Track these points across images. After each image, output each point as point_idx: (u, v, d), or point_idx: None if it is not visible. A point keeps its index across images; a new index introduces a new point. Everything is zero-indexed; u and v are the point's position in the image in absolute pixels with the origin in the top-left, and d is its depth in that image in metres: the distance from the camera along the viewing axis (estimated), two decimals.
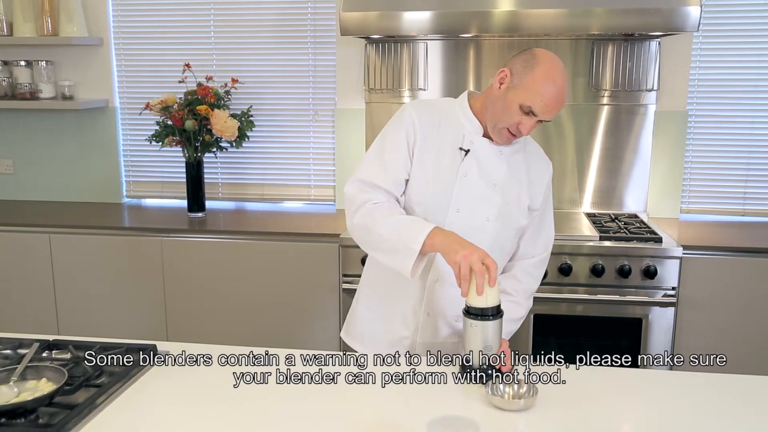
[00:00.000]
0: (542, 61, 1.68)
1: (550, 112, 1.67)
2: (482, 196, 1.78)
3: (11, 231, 3.05)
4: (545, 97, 1.65)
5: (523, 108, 1.66)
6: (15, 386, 1.50)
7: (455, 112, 1.81)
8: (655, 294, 2.62)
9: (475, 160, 1.77)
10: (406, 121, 1.78)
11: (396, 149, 1.77)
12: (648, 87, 3.05)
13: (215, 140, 3.11)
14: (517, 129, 1.70)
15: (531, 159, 1.86)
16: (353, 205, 1.75)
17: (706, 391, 1.58)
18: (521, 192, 1.82)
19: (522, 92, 1.67)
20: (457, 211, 1.77)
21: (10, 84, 3.39)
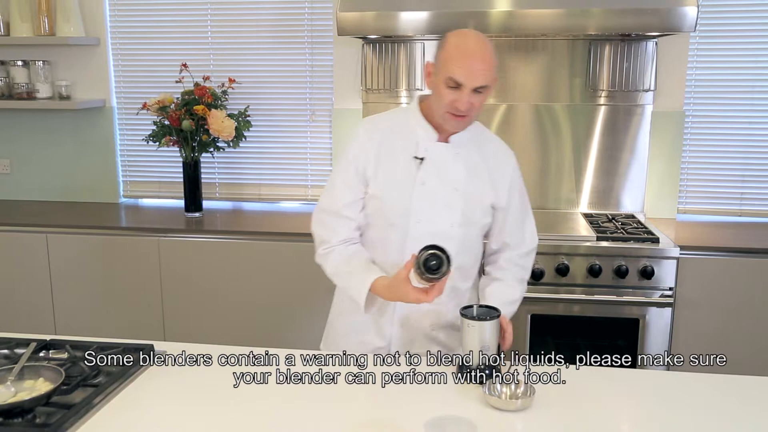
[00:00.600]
0: (452, 35, 1.70)
1: (473, 74, 1.65)
2: (444, 203, 1.78)
3: (8, 231, 3.05)
4: (461, 60, 1.65)
5: (448, 83, 1.66)
6: (12, 386, 1.50)
7: (407, 120, 1.82)
8: (653, 294, 2.63)
9: (432, 166, 1.77)
10: (356, 144, 1.82)
11: (345, 177, 1.81)
12: (645, 87, 3.05)
13: (212, 140, 3.11)
14: (455, 107, 1.68)
15: (489, 155, 1.85)
16: (315, 242, 1.87)
17: (704, 392, 1.58)
18: (483, 191, 1.82)
19: (442, 69, 1.68)
20: (417, 222, 1.77)
21: (7, 84, 3.38)
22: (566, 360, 1.75)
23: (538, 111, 3.14)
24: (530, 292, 2.63)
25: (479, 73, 1.65)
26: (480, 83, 1.66)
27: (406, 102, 3.19)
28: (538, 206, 3.18)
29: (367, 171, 1.79)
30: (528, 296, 2.62)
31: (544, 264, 2.64)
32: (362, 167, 1.79)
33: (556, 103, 3.12)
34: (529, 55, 3.10)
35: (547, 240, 2.67)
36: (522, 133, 3.15)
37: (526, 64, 3.11)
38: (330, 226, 1.82)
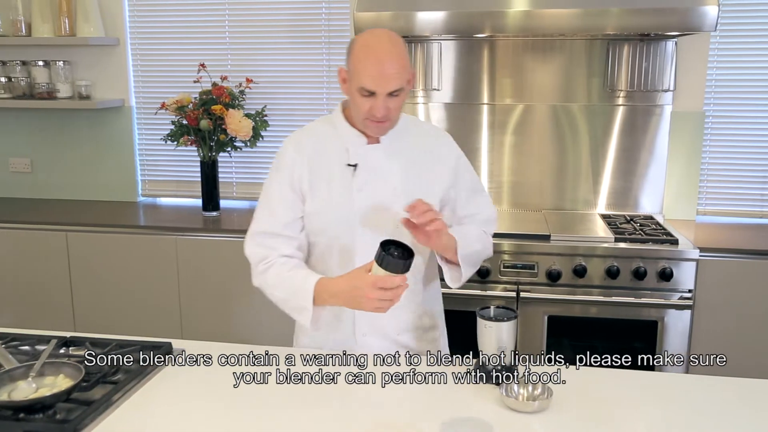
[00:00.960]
0: (359, 38, 1.65)
1: (384, 79, 1.59)
2: (386, 206, 1.72)
3: (29, 229, 3.08)
4: (370, 68, 1.59)
5: (361, 92, 1.62)
6: (33, 382, 1.52)
7: (334, 128, 1.77)
8: (671, 296, 2.61)
9: (367, 171, 1.72)
10: (285, 161, 1.75)
11: (281, 195, 1.74)
12: (664, 87, 3.03)
13: (230, 140, 3.13)
14: (373, 114, 1.63)
15: (425, 144, 1.80)
16: (251, 263, 1.77)
17: (723, 395, 1.56)
18: (426, 185, 1.77)
19: (353, 77, 1.63)
20: (363, 229, 1.72)
21: (29, 84, 3.42)
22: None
23: (556, 111, 3.12)
24: (547, 293, 2.63)
25: (391, 78, 1.60)
26: (393, 87, 1.61)
27: (423, 101, 3.19)
28: (555, 207, 3.17)
29: (302, 186, 1.73)
30: (545, 297, 2.64)
31: (561, 265, 2.63)
32: (297, 183, 1.73)
33: (574, 104, 3.11)
34: (547, 55, 3.09)
35: (564, 241, 2.66)
36: (539, 134, 3.14)
37: (543, 65, 3.10)
38: (269, 245, 1.74)
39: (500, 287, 2.67)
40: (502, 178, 3.19)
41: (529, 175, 3.18)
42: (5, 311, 3.16)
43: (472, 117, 3.18)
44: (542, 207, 3.19)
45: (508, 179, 3.19)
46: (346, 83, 1.69)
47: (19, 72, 3.41)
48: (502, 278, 2.67)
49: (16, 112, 3.56)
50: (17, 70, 3.40)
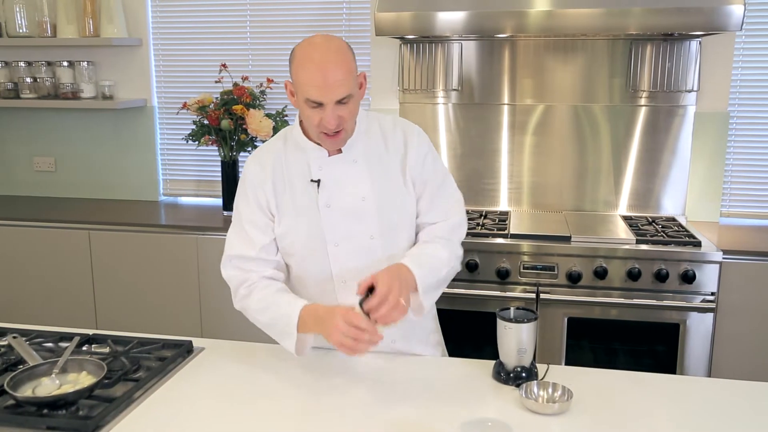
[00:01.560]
0: (297, 49, 1.57)
1: (329, 88, 1.51)
2: (355, 218, 1.66)
3: (53, 227, 3.12)
4: (312, 77, 1.52)
5: (308, 104, 1.55)
6: (56, 378, 1.54)
7: (294, 142, 1.70)
8: (694, 299, 2.58)
9: (332, 184, 1.66)
10: (249, 181, 1.70)
11: (252, 218, 1.69)
12: (688, 88, 2.99)
13: (250, 139, 3.14)
14: (325, 126, 1.56)
15: (390, 142, 1.71)
16: (231, 287, 1.72)
17: (745, 400, 1.54)
18: (396, 187, 1.70)
19: (298, 90, 1.57)
20: (335, 245, 1.68)
21: (53, 84, 3.47)
22: (603, 364, 1.72)
23: (577, 112, 3.10)
24: (567, 295, 2.62)
25: (336, 86, 1.52)
26: (340, 95, 1.53)
27: (443, 102, 3.18)
28: (575, 208, 3.15)
29: (270, 207, 1.68)
30: (565, 299, 2.62)
31: (581, 266, 2.61)
32: (264, 204, 1.69)
33: (595, 104, 3.08)
34: (568, 55, 3.07)
35: (585, 242, 2.64)
36: (560, 135, 3.12)
37: (564, 65, 3.08)
38: (247, 269, 1.69)
39: (520, 288, 2.66)
40: (522, 179, 3.18)
41: (549, 176, 3.16)
42: (29, 308, 3.20)
43: (492, 117, 3.17)
44: (563, 208, 3.17)
45: (529, 180, 3.17)
46: (294, 96, 1.62)
47: (44, 72, 3.45)
48: (522, 279, 2.66)
49: (41, 112, 3.61)
50: (42, 71, 3.45)
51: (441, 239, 1.73)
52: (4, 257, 3.18)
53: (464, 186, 3.22)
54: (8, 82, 3.47)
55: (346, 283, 1.70)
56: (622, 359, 2.69)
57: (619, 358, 2.70)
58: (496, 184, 3.21)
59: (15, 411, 1.45)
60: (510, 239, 2.69)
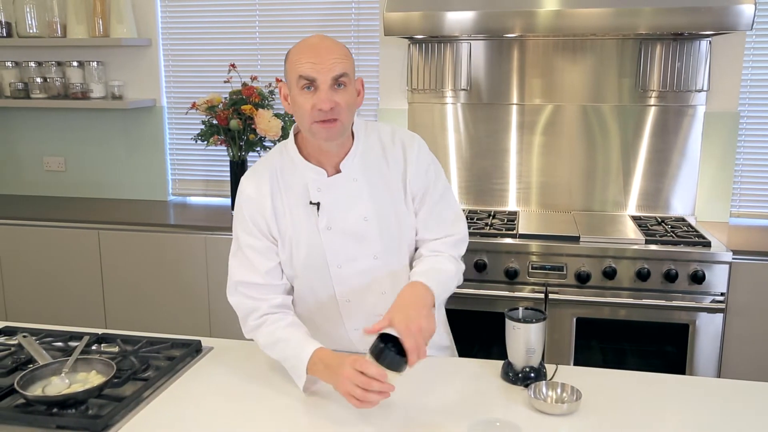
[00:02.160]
0: (293, 47, 1.55)
1: (323, 63, 1.46)
2: (357, 239, 1.61)
3: (63, 227, 3.14)
4: (306, 55, 1.47)
5: (302, 86, 1.48)
6: (66, 377, 1.54)
7: (291, 162, 1.61)
8: (703, 299, 2.57)
9: (332, 206, 1.59)
10: (247, 208, 1.62)
11: (253, 244, 1.61)
12: (698, 88, 2.98)
13: (259, 139, 3.15)
14: (318, 111, 1.47)
15: (390, 157, 1.64)
16: (239, 315, 1.64)
17: (756, 400, 1.54)
18: (396, 199, 1.63)
19: (291, 77, 1.51)
20: (338, 267, 1.63)
21: (63, 84, 3.48)
22: (612, 365, 1.72)
23: (586, 112, 3.09)
24: (576, 295, 2.61)
25: (330, 62, 1.46)
26: (336, 72, 1.47)
27: (451, 101, 3.18)
28: (584, 208, 3.14)
29: (272, 232, 1.61)
30: (573, 299, 2.61)
31: (590, 267, 2.60)
32: (266, 229, 1.61)
33: (605, 104, 3.07)
34: (577, 55, 3.06)
35: (593, 242, 2.63)
36: (569, 135, 3.11)
37: (573, 65, 3.07)
38: (255, 297, 1.60)
39: (528, 288, 2.65)
40: (531, 179, 3.17)
41: (558, 176, 3.15)
42: (39, 308, 3.22)
43: (501, 117, 3.16)
44: (571, 208, 3.16)
45: (537, 180, 3.17)
46: (287, 99, 1.56)
47: (54, 72, 3.47)
48: (531, 279, 2.65)
49: (51, 112, 3.63)
50: (52, 71, 3.47)
51: (445, 254, 1.67)
52: (14, 257, 3.20)
53: (472, 186, 3.22)
54: (18, 82, 3.49)
55: (349, 302, 1.68)
56: (631, 360, 2.68)
57: (628, 359, 2.69)
58: (505, 184, 3.20)
59: (25, 410, 1.46)
60: (519, 239, 2.69)
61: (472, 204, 3.23)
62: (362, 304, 1.68)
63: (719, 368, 2.63)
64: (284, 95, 1.57)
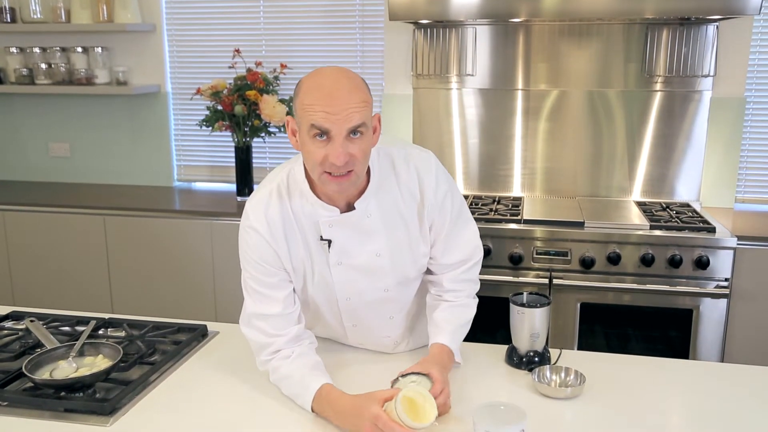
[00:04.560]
0: (304, 79, 1.38)
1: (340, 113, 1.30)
2: (368, 273, 1.53)
3: (69, 213, 3.15)
4: (320, 100, 1.31)
5: (312, 133, 1.33)
6: (73, 361, 1.56)
7: (301, 193, 1.49)
8: (707, 285, 2.57)
9: (344, 242, 1.49)
10: (257, 245, 1.49)
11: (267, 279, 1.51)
12: (704, 73, 2.96)
13: (264, 125, 3.15)
14: (330, 164, 1.34)
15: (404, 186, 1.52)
16: (252, 347, 1.55)
17: (759, 385, 1.54)
18: (411, 233, 1.54)
19: (302, 119, 1.35)
20: (347, 299, 1.57)
21: (68, 70, 3.48)
22: (616, 349, 1.72)
23: (592, 97, 3.08)
24: (580, 281, 2.61)
25: (347, 112, 1.31)
26: (354, 123, 1.32)
27: (456, 87, 3.17)
28: (589, 193, 3.14)
29: (284, 264, 1.50)
30: (578, 284, 2.61)
31: (595, 252, 2.60)
32: (278, 263, 1.50)
33: (610, 89, 3.06)
34: (583, 39, 3.04)
35: (598, 228, 2.63)
36: (574, 120, 3.10)
37: (579, 50, 3.05)
38: (271, 332, 1.50)
39: (533, 274, 2.66)
40: (535, 165, 3.17)
41: (563, 162, 3.14)
42: (45, 293, 3.24)
43: (506, 103, 3.15)
44: (576, 194, 3.16)
45: (542, 165, 3.16)
46: (295, 135, 1.41)
47: (59, 58, 3.47)
48: (535, 265, 2.65)
49: (56, 98, 3.63)
50: (57, 57, 3.47)
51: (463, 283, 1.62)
52: (20, 243, 3.21)
53: (477, 171, 3.21)
54: (23, 68, 3.49)
55: (356, 327, 1.65)
56: (635, 345, 2.69)
57: (631, 344, 2.70)
58: (510, 170, 3.20)
59: (33, 393, 1.47)
60: (523, 225, 2.69)
61: (477, 190, 3.23)
62: (369, 328, 1.66)
63: (722, 353, 2.63)
64: (292, 131, 1.42)
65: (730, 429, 1.36)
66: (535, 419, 1.36)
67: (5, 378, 1.50)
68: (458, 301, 1.62)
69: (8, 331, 1.81)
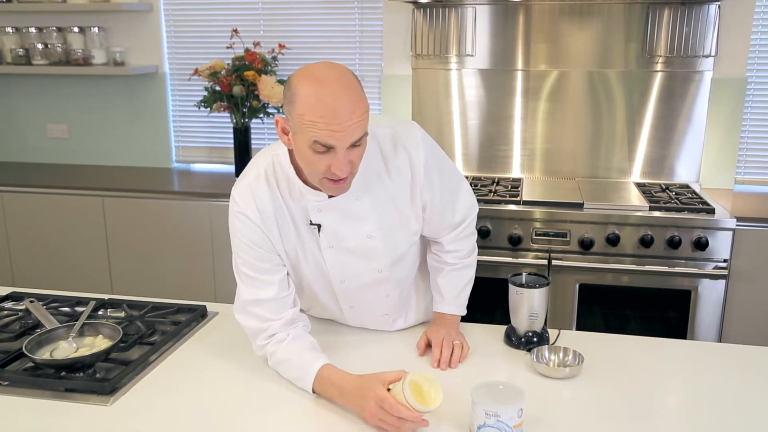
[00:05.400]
0: (301, 84, 1.31)
1: (343, 131, 1.29)
2: (361, 255, 1.54)
3: (67, 194, 3.14)
4: (323, 119, 1.28)
5: (315, 149, 1.31)
6: (73, 342, 1.56)
7: (287, 179, 1.48)
8: (706, 266, 2.57)
9: (333, 226, 1.49)
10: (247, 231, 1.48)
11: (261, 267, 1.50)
12: (705, 53, 2.94)
13: (262, 106, 3.13)
14: (333, 173, 1.34)
15: (392, 163, 1.50)
16: (248, 333, 1.54)
17: (756, 364, 1.55)
18: (402, 212, 1.54)
19: (300, 130, 1.32)
20: (341, 282, 1.57)
21: (65, 50, 3.46)
22: (614, 330, 1.73)
23: (592, 78, 3.06)
24: (579, 261, 2.62)
25: (351, 127, 1.30)
26: (356, 137, 1.32)
27: (456, 67, 3.15)
28: (588, 174, 3.13)
29: (276, 248, 1.50)
30: (576, 265, 2.62)
31: (594, 233, 2.60)
32: (270, 247, 1.50)
33: (610, 70, 3.04)
34: (584, 19, 3.02)
35: (597, 209, 2.63)
36: (574, 101, 3.09)
37: (579, 30, 3.03)
38: (264, 317, 1.50)
39: (532, 255, 2.66)
40: (535, 146, 3.16)
41: (563, 143, 3.14)
42: (45, 275, 3.25)
43: (506, 83, 3.13)
44: (576, 175, 3.15)
45: (542, 146, 3.15)
46: (287, 134, 1.38)
47: (55, 38, 3.44)
48: (534, 246, 2.66)
49: (53, 79, 3.61)
50: (53, 37, 3.44)
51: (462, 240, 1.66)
52: (19, 224, 3.21)
53: (477, 152, 3.21)
54: (19, 48, 3.47)
55: (353, 308, 1.66)
56: (633, 326, 2.70)
57: (630, 325, 2.71)
58: (509, 151, 3.19)
59: (34, 373, 1.48)
60: (522, 206, 2.69)
61: (476, 171, 3.22)
62: (366, 309, 1.67)
63: (720, 334, 2.64)
64: (282, 129, 1.39)
65: (727, 407, 1.37)
66: (534, 399, 1.37)
67: (6, 358, 1.51)
68: (460, 263, 1.67)
69: (8, 312, 1.81)
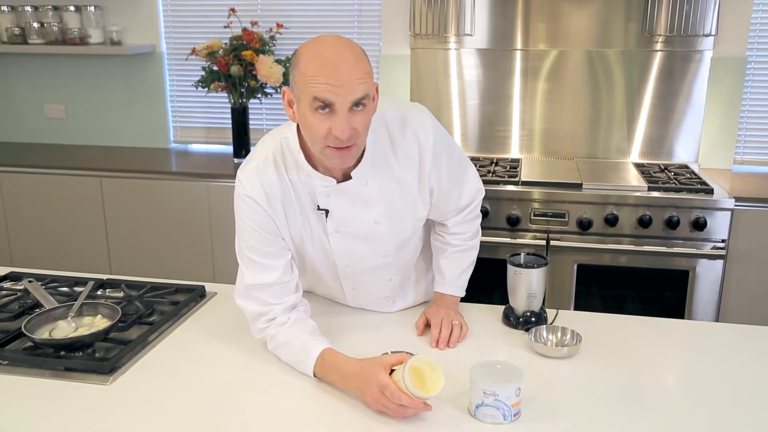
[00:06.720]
0: (304, 47, 1.33)
1: (344, 85, 1.27)
2: (367, 240, 1.53)
3: (65, 175, 3.14)
4: (323, 72, 1.27)
5: (315, 107, 1.29)
6: (72, 321, 1.57)
7: (296, 163, 1.46)
8: (704, 246, 2.57)
9: (341, 211, 1.49)
10: (254, 213, 1.47)
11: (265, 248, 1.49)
12: (705, 32, 2.93)
13: (260, 86, 3.12)
14: (334, 137, 1.30)
15: (396, 147, 1.49)
16: (247, 317, 1.53)
17: (752, 343, 1.56)
18: (410, 197, 1.53)
19: (302, 92, 1.30)
20: (346, 266, 1.58)
21: (61, 29, 3.43)
22: (612, 311, 1.74)
23: (591, 57, 3.04)
24: (577, 242, 2.62)
25: (352, 84, 1.27)
26: (358, 95, 1.28)
27: (455, 47, 3.13)
28: (587, 155, 3.12)
29: (281, 232, 1.49)
30: (575, 246, 2.62)
31: (592, 214, 2.60)
32: (276, 230, 1.49)
33: (610, 49, 3.02)
34: None
35: (596, 189, 2.63)
36: (573, 81, 3.07)
37: (579, 9, 3.01)
38: (265, 301, 1.49)
39: (530, 235, 2.66)
40: (534, 126, 3.15)
41: (561, 123, 3.13)
42: (43, 255, 3.25)
43: (504, 63, 3.12)
44: (575, 155, 3.14)
45: (541, 127, 3.14)
46: (292, 107, 1.37)
47: (51, 17, 3.41)
48: (532, 226, 2.66)
49: (50, 58, 3.59)
50: (49, 15, 3.41)
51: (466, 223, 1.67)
52: (17, 204, 3.21)
53: (475, 132, 3.20)
54: (15, 27, 3.44)
55: (355, 291, 1.67)
56: (631, 306, 2.71)
57: (628, 305, 2.72)
58: (508, 131, 3.18)
59: (33, 353, 1.48)
60: (521, 186, 2.68)
61: (475, 151, 3.21)
62: (368, 291, 1.67)
63: (717, 314, 2.66)
64: (288, 101, 1.38)
65: (724, 386, 1.38)
66: (532, 378, 1.38)
67: (5, 337, 1.51)
68: (464, 245, 1.68)
69: (7, 292, 1.81)
